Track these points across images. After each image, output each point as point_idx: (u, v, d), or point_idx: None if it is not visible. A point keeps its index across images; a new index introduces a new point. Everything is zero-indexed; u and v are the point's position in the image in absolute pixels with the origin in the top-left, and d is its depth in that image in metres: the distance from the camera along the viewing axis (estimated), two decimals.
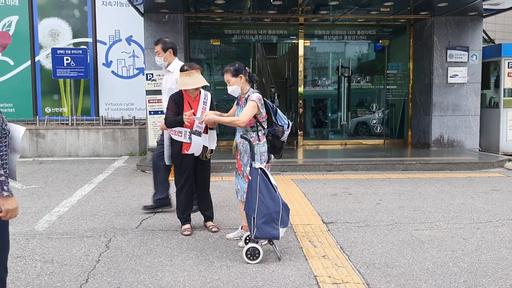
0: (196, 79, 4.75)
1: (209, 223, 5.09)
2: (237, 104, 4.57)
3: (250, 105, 4.31)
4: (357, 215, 5.62)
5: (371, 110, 12.37)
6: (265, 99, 4.51)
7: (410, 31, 11.94)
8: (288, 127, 4.56)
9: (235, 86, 4.44)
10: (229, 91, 4.51)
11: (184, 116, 4.63)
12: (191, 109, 4.79)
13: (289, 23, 11.82)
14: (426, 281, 3.65)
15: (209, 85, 5.12)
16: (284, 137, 4.55)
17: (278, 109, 4.59)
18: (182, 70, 4.79)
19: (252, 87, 4.58)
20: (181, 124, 4.71)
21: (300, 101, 11.93)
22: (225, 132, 11.65)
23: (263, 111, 4.42)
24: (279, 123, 4.51)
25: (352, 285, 3.59)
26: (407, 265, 4.01)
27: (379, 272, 3.84)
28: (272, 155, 4.58)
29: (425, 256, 4.22)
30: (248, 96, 4.38)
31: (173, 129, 4.78)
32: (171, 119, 4.74)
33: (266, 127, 4.48)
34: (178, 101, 4.82)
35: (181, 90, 4.82)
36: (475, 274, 3.79)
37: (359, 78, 12.38)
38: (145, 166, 8.84)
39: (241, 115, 4.32)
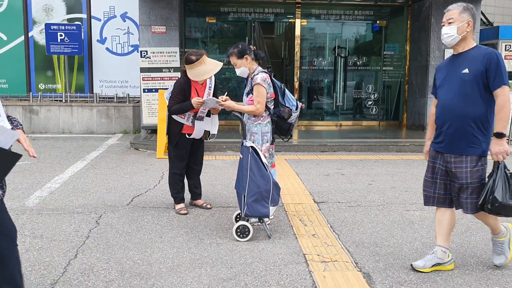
0: (212, 65, 4.62)
1: (201, 201, 5.08)
2: (245, 83, 4.52)
3: (258, 91, 4.24)
4: (348, 195, 5.62)
5: (367, 91, 12.31)
6: (273, 78, 4.42)
7: (407, 12, 11.81)
8: (296, 109, 4.48)
9: (242, 67, 4.37)
10: (237, 74, 4.44)
11: (195, 101, 4.54)
12: (198, 95, 4.72)
13: (286, 2, 11.67)
14: (414, 261, 3.66)
15: (222, 64, 4.89)
16: (292, 119, 4.46)
17: (286, 90, 4.51)
18: (190, 61, 4.57)
19: (260, 64, 4.49)
20: (187, 110, 4.66)
21: (296, 81, 11.85)
22: (223, 111, 11.57)
23: (270, 90, 4.34)
24: (286, 105, 4.44)
25: (340, 263, 3.60)
26: (396, 244, 4.02)
27: (368, 251, 3.85)
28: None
29: (415, 236, 4.24)
30: (254, 76, 4.31)
31: None
32: (177, 107, 4.65)
33: (272, 107, 4.40)
34: (186, 88, 4.73)
35: (187, 76, 4.70)
36: (464, 255, 3.82)
37: (355, 59, 12.28)
38: (139, 144, 8.81)
39: (255, 104, 4.27)
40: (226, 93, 4.63)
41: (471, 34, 3.36)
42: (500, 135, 3.17)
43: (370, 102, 12.36)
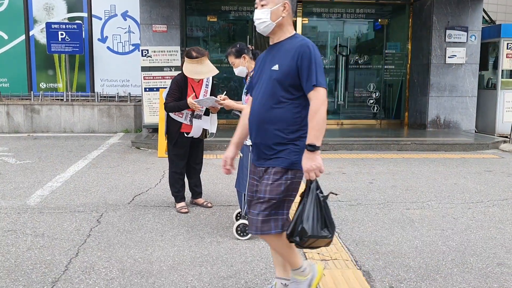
0: (208, 67, 4.64)
1: (202, 200, 5.10)
2: (244, 82, 4.53)
3: None
4: (349, 193, 5.63)
5: (369, 90, 12.30)
6: None
7: (409, 10, 11.80)
8: None
9: (240, 67, 4.38)
10: (236, 73, 4.44)
11: (190, 102, 4.56)
12: (194, 93, 4.74)
13: None
14: (414, 259, 3.67)
15: (219, 72, 4.91)
16: None
17: None
18: (190, 56, 4.62)
19: None
20: (183, 109, 4.67)
21: None
22: (223, 110, 11.58)
23: None
24: None
25: (340, 261, 3.61)
26: (396, 243, 4.03)
27: (368, 250, 3.86)
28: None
29: (415, 234, 4.24)
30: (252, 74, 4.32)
31: None
32: (173, 105, 4.67)
33: None
34: (182, 85, 4.75)
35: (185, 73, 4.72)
36: (463, 253, 3.82)
37: (357, 58, 12.28)
38: (140, 143, 8.82)
39: None
40: (225, 92, 4.64)
41: (288, 20, 2.68)
42: (312, 148, 2.50)
43: (371, 101, 12.36)
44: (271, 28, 2.66)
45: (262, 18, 2.64)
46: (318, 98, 2.53)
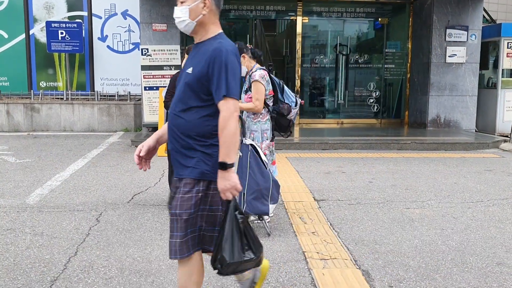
0: None
1: None
2: (243, 81, 4.52)
3: (256, 88, 4.25)
4: (349, 193, 5.62)
5: (369, 89, 12.29)
6: (272, 75, 4.44)
7: (409, 9, 11.78)
8: (296, 105, 4.49)
9: None
10: None
11: None
12: None
13: None
14: (413, 259, 3.67)
15: None
16: (292, 116, 4.48)
17: (285, 87, 4.52)
18: (190, 52, 4.62)
19: (258, 62, 4.50)
20: None
21: (297, 79, 11.85)
22: None
23: (269, 87, 4.35)
24: (286, 101, 4.45)
25: (340, 261, 3.61)
26: (396, 242, 4.02)
27: (367, 249, 3.85)
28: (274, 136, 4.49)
29: (414, 234, 4.24)
30: (252, 73, 4.31)
31: None
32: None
33: (271, 104, 4.41)
34: None
35: None
36: (463, 252, 3.81)
37: (357, 57, 12.26)
38: (140, 142, 8.76)
39: (254, 101, 4.27)
40: None
41: (211, 18, 2.41)
42: (223, 166, 2.25)
43: (371, 100, 12.35)
44: (191, 27, 2.41)
45: (181, 17, 2.39)
46: (227, 111, 2.26)
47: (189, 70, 2.39)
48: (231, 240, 2.29)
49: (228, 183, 2.26)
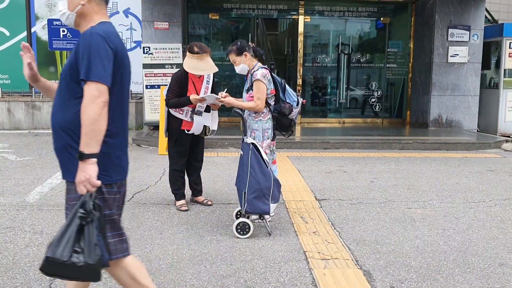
0: (208, 65, 4.61)
1: (202, 198, 5.07)
2: (245, 80, 4.50)
3: (257, 87, 4.22)
4: (350, 192, 5.60)
5: (371, 89, 12.26)
6: (274, 74, 4.41)
7: (411, 9, 11.75)
8: (297, 105, 4.46)
9: (241, 65, 4.35)
10: (237, 71, 4.41)
11: (193, 99, 4.54)
12: (195, 88, 4.71)
13: None
14: (415, 259, 3.64)
15: (218, 70, 4.79)
16: (293, 115, 4.45)
17: (287, 86, 4.50)
18: (191, 50, 4.58)
19: (260, 61, 4.47)
20: (185, 105, 4.65)
21: (299, 78, 11.82)
22: (224, 108, 11.55)
23: (271, 86, 4.33)
24: (287, 100, 4.42)
25: (341, 261, 3.58)
26: (397, 242, 4.00)
27: (369, 249, 3.83)
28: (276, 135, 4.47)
29: (416, 234, 4.21)
30: (254, 72, 4.29)
31: None
32: (175, 101, 4.65)
33: (273, 103, 4.38)
34: (182, 81, 4.72)
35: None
36: (465, 253, 3.79)
37: (359, 56, 12.23)
38: (141, 140, 8.80)
39: (255, 100, 4.24)
40: (226, 89, 4.61)
41: (94, 8, 2.25)
42: (80, 156, 2.06)
43: (373, 100, 12.31)
44: (72, 19, 2.26)
45: (62, 10, 2.26)
46: (87, 96, 2.06)
47: (66, 62, 2.26)
48: (60, 236, 2.01)
49: (83, 174, 2.05)
